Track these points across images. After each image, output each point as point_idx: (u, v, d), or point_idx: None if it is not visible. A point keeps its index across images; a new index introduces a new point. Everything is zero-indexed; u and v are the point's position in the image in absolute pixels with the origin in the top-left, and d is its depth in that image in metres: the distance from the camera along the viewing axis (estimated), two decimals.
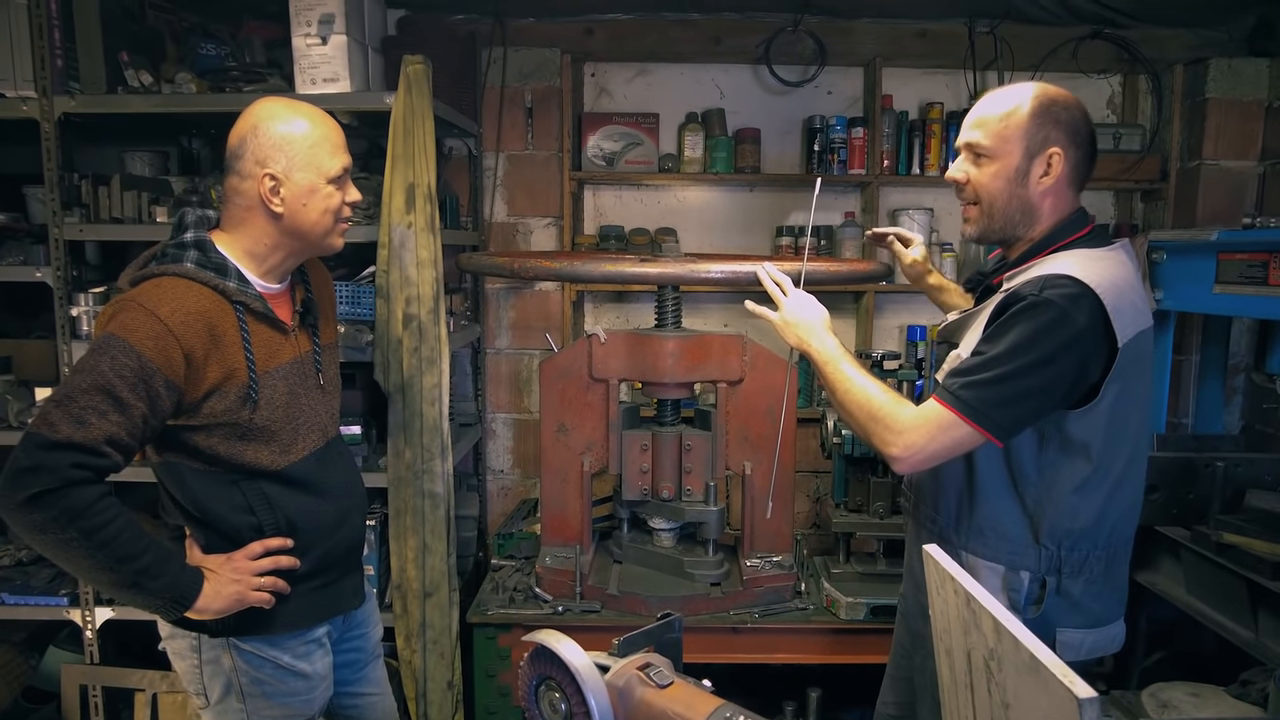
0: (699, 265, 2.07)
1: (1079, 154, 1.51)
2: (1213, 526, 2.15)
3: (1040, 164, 1.50)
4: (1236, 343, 2.97)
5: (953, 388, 1.43)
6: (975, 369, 1.42)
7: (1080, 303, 1.38)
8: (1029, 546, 1.52)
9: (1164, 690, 1.79)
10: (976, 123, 1.54)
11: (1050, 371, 1.39)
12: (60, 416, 1.30)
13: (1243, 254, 2.29)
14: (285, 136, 1.46)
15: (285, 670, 1.56)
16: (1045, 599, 1.51)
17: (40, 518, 1.29)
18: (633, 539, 2.48)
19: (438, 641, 2.37)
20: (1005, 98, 1.53)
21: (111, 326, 1.36)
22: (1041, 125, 1.49)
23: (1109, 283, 1.41)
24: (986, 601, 1.00)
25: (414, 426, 2.30)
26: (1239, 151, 2.95)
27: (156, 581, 1.38)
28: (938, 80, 3.19)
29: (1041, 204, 1.52)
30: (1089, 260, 1.45)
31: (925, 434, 1.44)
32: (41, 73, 2.27)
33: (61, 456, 1.29)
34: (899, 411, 1.48)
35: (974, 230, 1.59)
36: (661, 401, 2.36)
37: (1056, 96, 1.51)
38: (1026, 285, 1.43)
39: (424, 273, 2.27)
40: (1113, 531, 1.53)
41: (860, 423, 1.53)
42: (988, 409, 1.40)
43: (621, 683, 1.00)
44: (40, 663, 2.69)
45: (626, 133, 3.11)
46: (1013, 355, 1.39)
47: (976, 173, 1.54)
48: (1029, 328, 1.38)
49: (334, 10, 2.23)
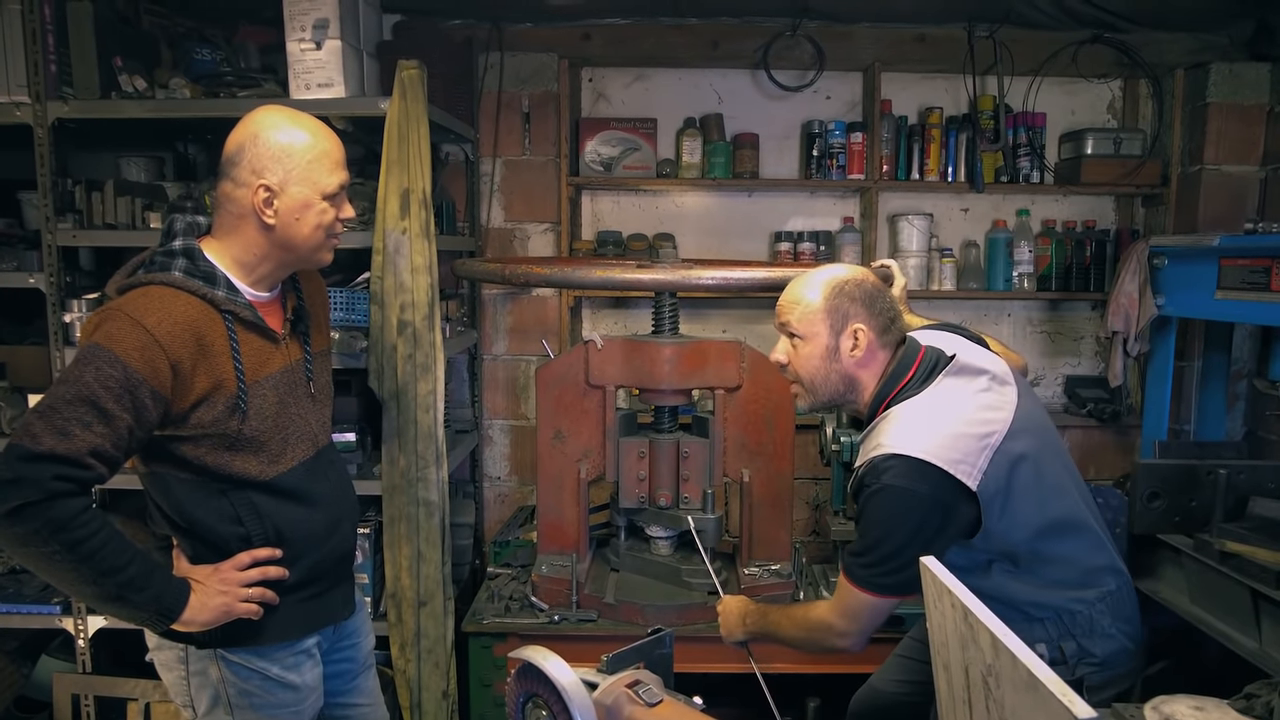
0: (694, 271, 2.05)
1: (880, 321, 1.64)
2: (1215, 535, 2.12)
3: (847, 339, 1.63)
4: (1239, 349, 2.95)
5: (851, 567, 1.59)
6: (862, 552, 1.58)
7: (915, 476, 1.50)
8: (1034, 621, 1.61)
9: (1167, 704, 1.76)
10: (787, 306, 1.67)
11: (922, 537, 1.50)
12: (43, 428, 1.28)
13: (1245, 259, 2.27)
14: (284, 148, 1.43)
15: (274, 682, 1.53)
16: (1069, 662, 1.59)
17: (22, 531, 1.27)
18: (630, 547, 2.46)
19: (432, 651, 2.35)
20: (801, 287, 1.66)
21: (97, 336, 1.34)
22: (838, 305, 1.62)
23: (937, 437, 1.52)
24: (984, 616, 0.98)
25: (409, 433, 2.28)
26: (1240, 156, 2.94)
27: (141, 594, 1.36)
28: (937, 85, 3.17)
29: (859, 374, 1.66)
30: (913, 419, 1.55)
31: (849, 620, 1.61)
32: (35, 78, 2.25)
33: (44, 469, 1.26)
34: (817, 613, 1.68)
35: (804, 404, 1.73)
36: (659, 408, 2.34)
37: (844, 277, 1.65)
38: (865, 475, 1.57)
39: (419, 279, 2.26)
40: (1098, 585, 1.63)
41: (805, 644, 1.74)
42: (884, 580, 1.55)
43: (610, 700, 0.98)
44: (32, 672, 2.67)
45: (624, 138, 3.10)
46: (883, 540, 1.53)
47: (794, 355, 1.67)
48: (884, 514, 1.53)
49: (329, 15, 2.21)
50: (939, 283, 3.12)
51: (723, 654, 2.26)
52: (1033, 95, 3.12)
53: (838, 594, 1.63)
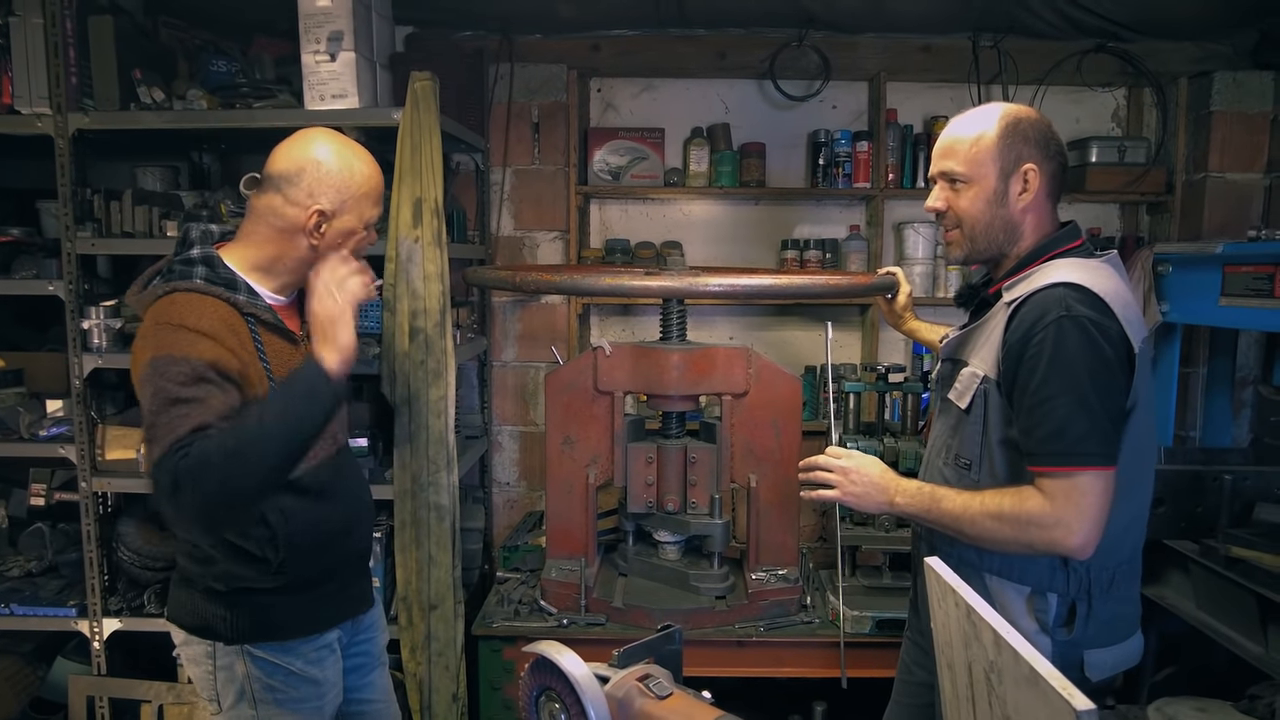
0: (701, 279, 2.08)
1: (1053, 166, 1.53)
2: (1221, 540, 2.13)
3: (1017, 182, 1.51)
4: (1244, 355, 2.96)
5: (1051, 440, 1.36)
6: (1063, 410, 1.35)
7: (1104, 311, 1.37)
8: (1056, 569, 1.48)
9: (1170, 705, 1.78)
10: (947, 150, 1.55)
11: (1119, 384, 1.36)
12: (154, 443, 1.33)
13: (1249, 266, 2.29)
14: (344, 178, 1.51)
15: (297, 677, 1.58)
16: (1076, 623, 1.48)
17: (213, 502, 1.32)
18: (638, 552, 2.48)
19: (443, 654, 2.37)
20: (971, 122, 1.54)
21: (149, 353, 1.38)
22: (1012, 144, 1.50)
23: (1113, 292, 1.41)
24: (987, 614, 1.00)
25: (420, 439, 2.31)
26: (1245, 164, 2.96)
27: (311, 404, 1.40)
28: (942, 94, 3.20)
29: (1023, 220, 1.53)
30: (1087, 270, 1.44)
31: (1076, 508, 1.35)
32: (57, 90, 2.30)
33: (175, 457, 1.31)
34: (1030, 504, 1.39)
35: (959, 253, 1.60)
36: (667, 414, 2.37)
37: (1022, 114, 1.53)
38: (1043, 302, 1.40)
39: (430, 286, 2.29)
40: (1134, 544, 1.52)
41: (1009, 539, 1.42)
42: (1101, 446, 1.35)
43: (621, 694, 1.01)
44: (48, 674, 2.70)
45: (632, 147, 3.14)
46: (1086, 383, 1.34)
47: (955, 199, 1.55)
48: (1079, 349, 1.34)
49: (343, 27, 2.26)
50: (945, 290, 3.14)
51: (730, 658, 2.28)
52: (1037, 104, 3.14)
53: (1047, 488, 1.37)
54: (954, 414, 1.56)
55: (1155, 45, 3.00)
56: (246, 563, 1.53)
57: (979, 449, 1.51)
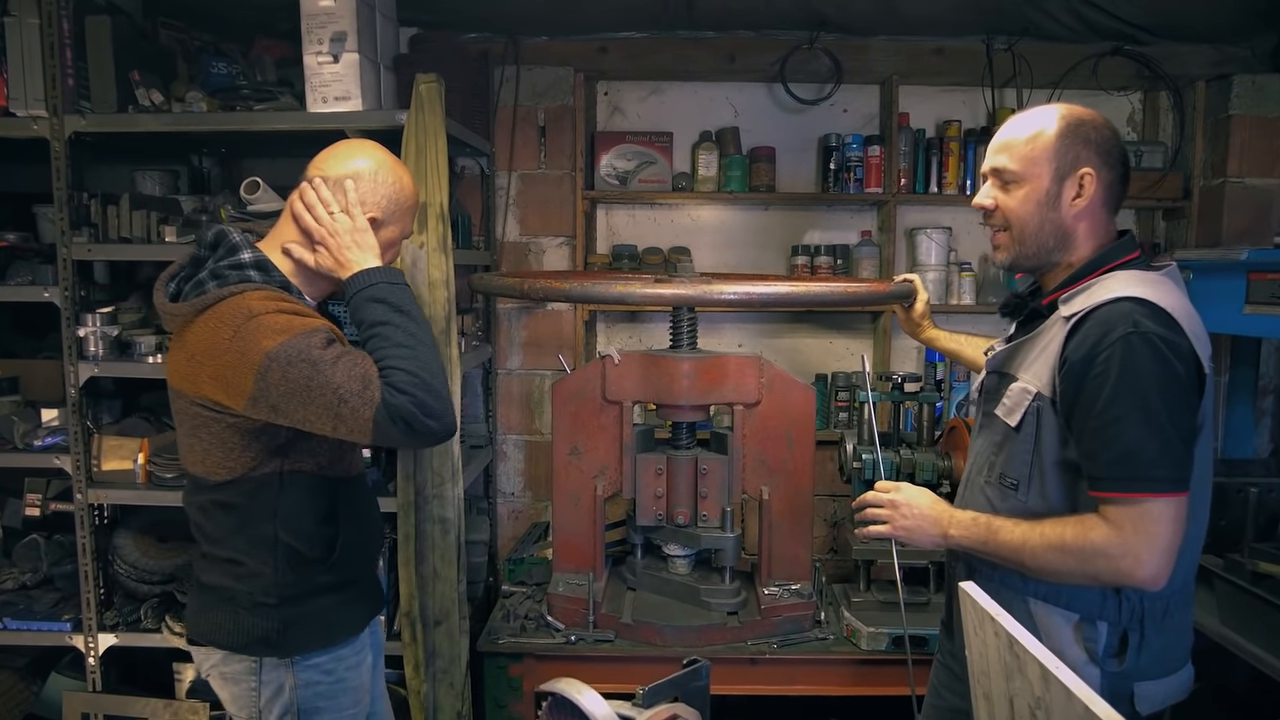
0: (715, 286, 2.02)
1: (1112, 174, 1.44)
2: (1247, 555, 2.08)
3: (1072, 186, 1.43)
4: (1266, 363, 2.90)
5: (1117, 466, 1.28)
6: (1121, 437, 1.27)
7: (1173, 327, 1.29)
8: (1108, 596, 1.39)
9: None
10: (1002, 146, 1.48)
11: (1189, 402, 1.30)
12: (351, 398, 1.33)
13: (1275, 274, 2.24)
14: (396, 190, 1.54)
15: (340, 685, 1.58)
16: (1128, 653, 1.39)
17: (442, 405, 1.38)
18: (647, 565, 2.42)
19: (447, 671, 2.31)
20: (1031, 120, 1.46)
21: (261, 346, 1.34)
22: (1070, 145, 1.42)
23: (1179, 307, 1.33)
24: (1032, 646, 0.94)
25: (425, 451, 2.25)
26: (1264, 169, 2.90)
27: (404, 294, 1.46)
28: (955, 98, 3.15)
29: (1076, 227, 1.45)
30: (1151, 284, 1.35)
31: (1146, 537, 1.27)
32: (53, 92, 2.25)
33: (384, 392, 1.33)
34: (1095, 534, 1.30)
35: (1006, 257, 1.50)
36: (676, 424, 2.31)
37: (1085, 116, 1.45)
38: (1108, 317, 1.32)
39: (436, 293, 2.23)
40: (1187, 570, 1.44)
41: (1074, 571, 1.34)
42: (1172, 471, 1.27)
43: None
44: (42, 689, 2.64)
45: (640, 151, 3.08)
46: (1144, 402, 1.27)
47: (1005, 198, 1.47)
48: (1144, 366, 1.27)
49: (346, 28, 2.20)
50: (958, 297, 3.09)
51: (742, 675, 2.22)
52: None
53: (1113, 516, 1.29)
54: (1000, 430, 1.48)
55: (1172, 48, 2.95)
56: (299, 566, 1.51)
57: (1028, 469, 1.43)
